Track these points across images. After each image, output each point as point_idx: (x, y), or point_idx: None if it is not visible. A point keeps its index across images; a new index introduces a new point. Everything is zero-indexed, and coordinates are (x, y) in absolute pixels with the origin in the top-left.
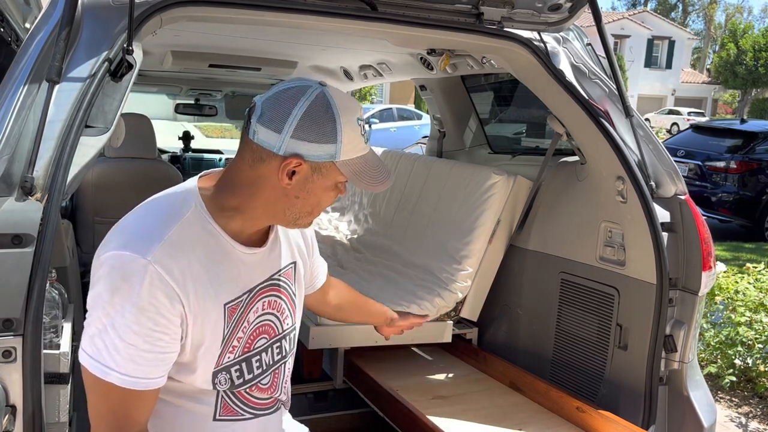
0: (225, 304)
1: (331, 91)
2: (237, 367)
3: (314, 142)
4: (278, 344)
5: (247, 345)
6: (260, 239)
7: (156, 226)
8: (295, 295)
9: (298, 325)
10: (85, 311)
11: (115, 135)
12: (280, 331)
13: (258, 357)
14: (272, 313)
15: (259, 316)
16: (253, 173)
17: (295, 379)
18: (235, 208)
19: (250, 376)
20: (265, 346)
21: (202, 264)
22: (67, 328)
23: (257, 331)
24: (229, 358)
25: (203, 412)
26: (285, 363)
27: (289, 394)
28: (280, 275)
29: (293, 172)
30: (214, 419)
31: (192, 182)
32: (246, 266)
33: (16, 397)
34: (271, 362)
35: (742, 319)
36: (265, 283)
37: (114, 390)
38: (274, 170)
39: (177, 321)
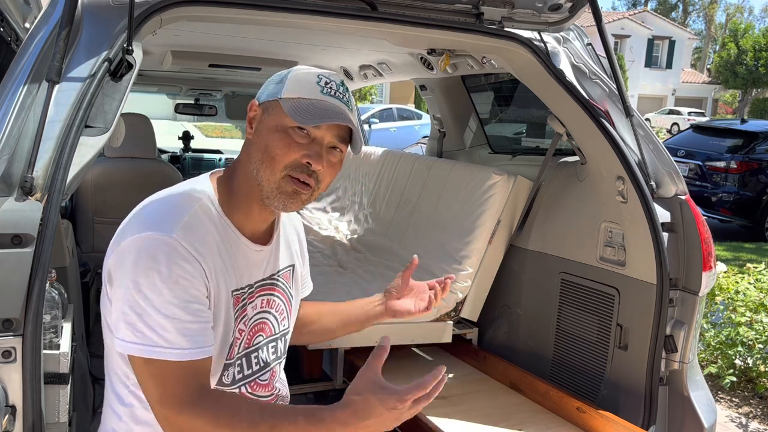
0: (232, 291)
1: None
2: (239, 362)
3: (266, 89)
4: (273, 344)
5: (248, 341)
6: (264, 237)
7: (172, 211)
8: (292, 297)
9: (292, 328)
10: (85, 308)
11: (114, 135)
12: (277, 330)
13: (256, 354)
14: (270, 312)
15: (257, 313)
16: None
17: (295, 379)
18: (233, 189)
19: (249, 372)
20: (262, 343)
21: (215, 248)
22: (66, 328)
23: (255, 328)
24: (235, 351)
25: None
26: (279, 363)
27: (287, 389)
28: (279, 275)
29: (253, 120)
30: None
31: (203, 177)
32: (249, 261)
33: (16, 397)
34: (267, 360)
35: (743, 320)
36: (265, 281)
37: (172, 367)
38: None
39: (205, 292)
